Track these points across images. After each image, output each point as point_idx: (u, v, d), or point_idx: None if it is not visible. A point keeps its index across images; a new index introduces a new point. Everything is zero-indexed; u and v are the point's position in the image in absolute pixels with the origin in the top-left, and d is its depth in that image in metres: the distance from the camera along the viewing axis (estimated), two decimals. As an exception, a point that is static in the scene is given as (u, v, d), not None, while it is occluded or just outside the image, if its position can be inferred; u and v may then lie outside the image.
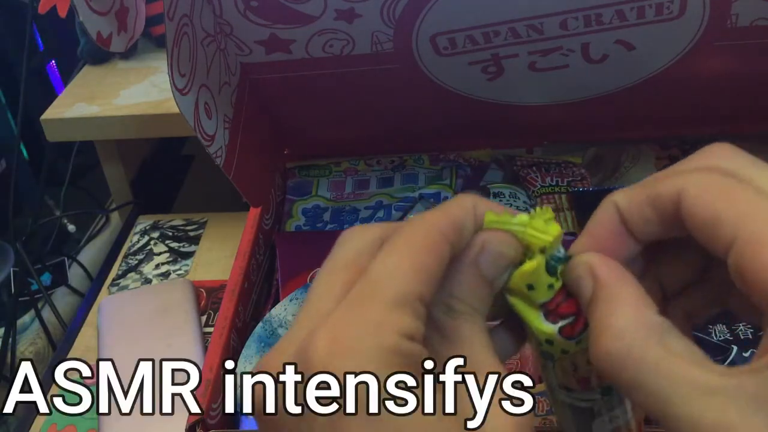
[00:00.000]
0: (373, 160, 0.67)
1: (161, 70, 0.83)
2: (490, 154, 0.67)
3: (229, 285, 0.52)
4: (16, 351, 0.77)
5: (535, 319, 0.25)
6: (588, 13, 0.48)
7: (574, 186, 0.62)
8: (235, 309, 0.51)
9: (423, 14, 0.49)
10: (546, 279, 0.25)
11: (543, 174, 0.63)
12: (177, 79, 0.44)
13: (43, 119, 0.79)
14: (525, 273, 0.25)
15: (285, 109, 0.62)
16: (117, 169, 0.87)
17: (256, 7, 0.49)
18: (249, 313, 0.54)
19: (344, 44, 0.52)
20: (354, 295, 0.23)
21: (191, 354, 0.62)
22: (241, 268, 0.53)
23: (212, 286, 0.71)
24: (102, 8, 0.74)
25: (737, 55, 0.53)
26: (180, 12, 0.44)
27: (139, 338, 0.64)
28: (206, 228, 0.80)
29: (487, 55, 0.52)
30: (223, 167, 0.51)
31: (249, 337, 0.51)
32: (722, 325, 0.49)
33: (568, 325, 0.25)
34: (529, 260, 0.25)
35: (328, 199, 0.65)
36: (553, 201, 0.62)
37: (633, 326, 0.22)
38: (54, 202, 0.95)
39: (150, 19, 0.85)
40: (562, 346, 0.25)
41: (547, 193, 0.62)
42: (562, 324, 0.25)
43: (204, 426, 0.43)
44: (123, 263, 0.76)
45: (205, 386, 0.45)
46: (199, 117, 0.47)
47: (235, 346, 0.50)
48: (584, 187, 0.62)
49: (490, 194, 0.61)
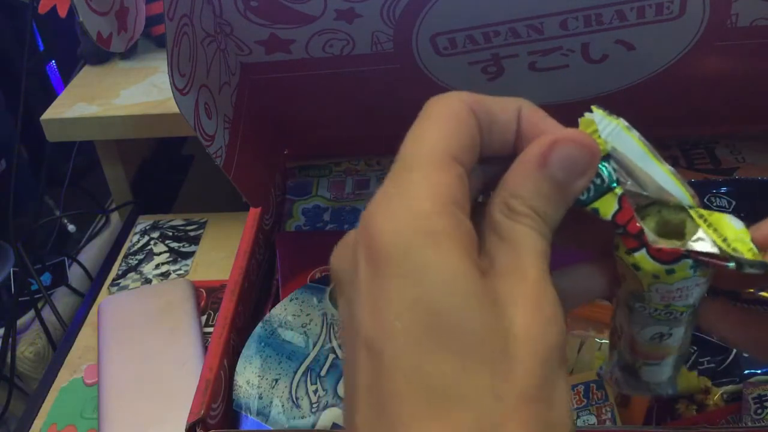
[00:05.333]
0: (373, 160, 0.67)
1: (161, 70, 0.83)
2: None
3: (229, 285, 0.52)
4: (16, 351, 0.77)
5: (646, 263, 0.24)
6: (588, 13, 0.48)
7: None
8: (235, 309, 0.51)
9: (423, 14, 0.49)
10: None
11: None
12: (177, 79, 0.44)
13: (43, 119, 0.79)
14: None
15: (285, 109, 0.62)
16: (117, 169, 0.87)
17: (256, 7, 0.49)
18: (249, 313, 0.54)
19: (344, 44, 0.52)
20: (392, 170, 0.24)
21: (191, 354, 0.62)
22: (241, 268, 0.53)
23: (212, 286, 0.71)
24: (102, 8, 0.74)
25: (737, 55, 0.53)
26: (180, 12, 0.44)
27: (139, 338, 0.64)
28: (206, 228, 0.80)
29: (487, 55, 0.52)
30: (223, 167, 0.51)
31: (249, 337, 0.51)
32: (722, 325, 0.49)
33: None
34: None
35: (328, 199, 0.65)
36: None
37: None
38: (54, 202, 0.95)
39: (150, 19, 0.85)
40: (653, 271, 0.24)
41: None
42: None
43: (204, 426, 0.43)
44: (123, 263, 0.76)
45: (205, 386, 0.45)
46: (199, 117, 0.47)
47: (235, 346, 0.50)
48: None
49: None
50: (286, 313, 0.52)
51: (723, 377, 0.47)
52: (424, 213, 0.21)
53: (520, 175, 0.23)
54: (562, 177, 0.23)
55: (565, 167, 0.23)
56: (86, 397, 0.62)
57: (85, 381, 0.64)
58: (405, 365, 0.20)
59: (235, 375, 0.49)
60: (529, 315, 0.21)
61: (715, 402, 0.46)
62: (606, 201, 0.24)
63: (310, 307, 0.53)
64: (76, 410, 0.62)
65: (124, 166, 0.88)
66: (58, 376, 0.65)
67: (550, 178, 0.23)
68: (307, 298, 0.53)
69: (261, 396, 0.48)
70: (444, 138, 0.23)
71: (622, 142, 0.24)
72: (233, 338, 0.50)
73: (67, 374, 0.65)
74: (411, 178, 0.23)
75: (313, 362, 0.49)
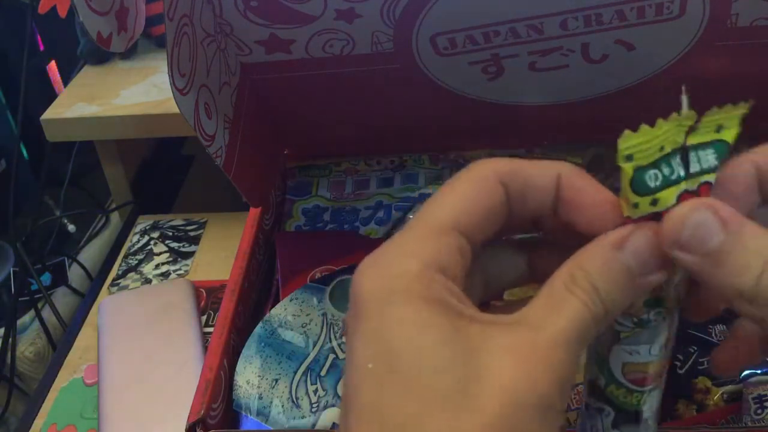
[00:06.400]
0: (373, 160, 0.67)
1: (161, 70, 0.83)
2: (490, 154, 0.67)
3: (229, 285, 0.52)
4: (16, 351, 0.77)
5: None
6: (588, 13, 0.48)
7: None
8: (235, 309, 0.51)
9: (423, 14, 0.49)
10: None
11: (543, 174, 0.63)
12: (177, 79, 0.44)
13: (43, 119, 0.79)
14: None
15: (285, 109, 0.62)
16: (117, 169, 0.87)
17: (256, 7, 0.49)
18: (249, 313, 0.54)
19: (344, 44, 0.52)
20: (406, 226, 0.25)
21: (191, 354, 0.62)
22: (241, 268, 0.53)
23: (212, 286, 0.71)
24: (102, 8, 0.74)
25: (737, 55, 0.53)
26: (180, 12, 0.44)
27: (139, 338, 0.64)
28: (206, 228, 0.80)
29: (487, 55, 0.52)
30: (223, 167, 0.51)
31: (249, 337, 0.51)
32: (722, 325, 0.49)
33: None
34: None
35: (328, 199, 0.65)
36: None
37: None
38: (54, 202, 0.95)
39: (150, 19, 0.85)
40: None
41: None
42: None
43: (204, 426, 0.43)
44: (123, 263, 0.76)
45: (205, 386, 0.45)
46: (199, 117, 0.47)
47: (235, 346, 0.50)
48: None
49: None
50: (286, 313, 0.52)
51: (723, 377, 0.47)
52: (404, 273, 0.23)
53: (592, 251, 0.24)
54: (634, 265, 0.23)
55: (639, 256, 0.23)
56: (86, 397, 0.62)
57: (85, 381, 0.64)
58: (368, 403, 0.22)
59: (235, 375, 0.49)
60: (507, 365, 0.22)
61: (715, 402, 0.46)
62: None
63: (310, 307, 0.53)
64: (76, 410, 0.62)
65: (124, 166, 0.88)
66: (58, 376, 0.65)
67: (621, 263, 0.23)
68: (307, 298, 0.53)
69: (261, 396, 0.48)
70: (454, 207, 0.25)
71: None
72: (233, 338, 0.50)
73: (67, 374, 0.65)
74: (406, 240, 0.24)
75: (313, 362, 0.49)
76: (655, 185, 0.24)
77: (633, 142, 0.24)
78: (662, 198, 0.24)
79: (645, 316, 0.25)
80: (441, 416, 0.21)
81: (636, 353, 0.26)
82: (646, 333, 0.26)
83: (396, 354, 0.22)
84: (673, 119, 0.24)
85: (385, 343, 0.22)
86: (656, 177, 0.24)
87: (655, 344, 0.26)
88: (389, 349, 0.22)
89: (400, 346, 0.22)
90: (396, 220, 0.62)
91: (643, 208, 0.24)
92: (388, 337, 0.22)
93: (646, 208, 0.24)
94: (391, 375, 0.22)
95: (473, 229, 0.25)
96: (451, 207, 0.25)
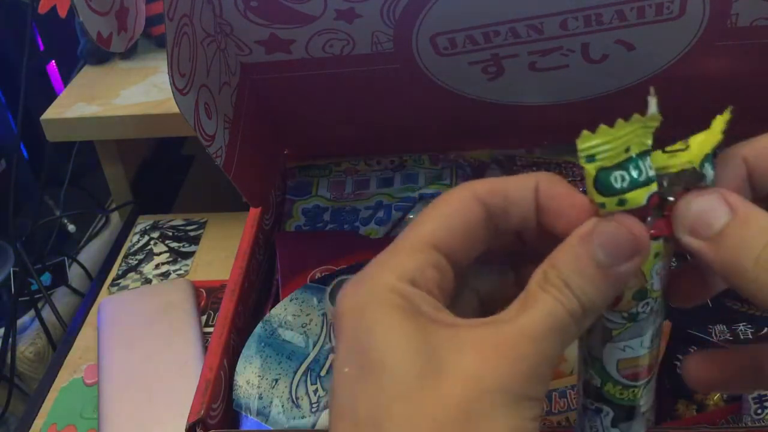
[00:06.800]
0: (373, 160, 0.67)
1: (161, 70, 0.83)
2: (490, 154, 0.67)
3: (229, 285, 0.52)
4: (16, 351, 0.77)
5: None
6: (588, 13, 0.48)
7: (573, 186, 0.62)
8: (235, 309, 0.51)
9: (423, 14, 0.49)
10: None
11: (543, 174, 0.63)
12: (177, 79, 0.44)
13: (43, 119, 0.79)
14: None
15: (285, 109, 0.62)
16: (117, 169, 0.87)
17: (256, 7, 0.49)
18: (249, 313, 0.54)
19: (344, 44, 0.52)
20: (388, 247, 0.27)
21: (191, 354, 0.62)
22: (241, 268, 0.53)
23: (212, 286, 0.71)
24: (102, 8, 0.74)
25: (737, 55, 0.53)
26: (180, 12, 0.44)
27: (139, 338, 0.64)
28: (206, 228, 0.80)
29: (487, 55, 0.52)
30: (223, 167, 0.51)
31: (249, 337, 0.51)
32: (722, 325, 0.49)
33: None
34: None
35: (328, 199, 0.65)
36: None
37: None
38: (54, 202, 0.95)
39: (150, 19, 0.85)
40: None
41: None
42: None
43: (204, 426, 0.43)
44: (123, 263, 0.76)
45: (205, 386, 0.45)
46: (199, 117, 0.47)
47: (235, 346, 0.50)
48: (584, 188, 0.62)
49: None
50: (286, 313, 0.52)
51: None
52: (378, 286, 0.25)
53: (562, 249, 0.24)
54: (603, 257, 0.24)
55: (605, 247, 0.24)
56: (86, 397, 0.62)
57: (85, 381, 0.64)
58: (345, 403, 0.24)
59: (235, 375, 0.49)
60: (470, 357, 0.23)
61: (715, 402, 0.46)
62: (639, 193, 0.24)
63: (310, 307, 0.53)
64: (76, 410, 0.62)
65: (124, 166, 0.88)
66: (58, 376, 0.65)
67: (589, 256, 0.24)
68: (307, 298, 0.53)
69: (261, 396, 0.48)
70: (432, 227, 0.26)
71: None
72: (233, 338, 0.50)
73: (67, 374, 0.65)
74: (385, 259, 0.26)
75: (313, 362, 0.49)
76: (622, 186, 0.24)
77: (593, 143, 0.24)
78: (631, 199, 0.24)
79: (634, 309, 0.26)
80: (407, 405, 0.22)
81: (629, 348, 0.26)
82: (637, 326, 0.26)
83: (366, 355, 0.24)
84: (636, 120, 0.24)
85: (358, 347, 0.24)
86: (622, 178, 0.24)
87: (646, 336, 0.26)
88: (360, 351, 0.24)
89: (369, 348, 0.24)
90: (396, 220, 0.62)
91: (610, 207, 0.24)
92: (361, 342, 0.24)
93: (613, 208, 0.24)
94: (362, 374, 0.24)
95: (453, 246, 0.26)
96: (430, 226, 0.26)
